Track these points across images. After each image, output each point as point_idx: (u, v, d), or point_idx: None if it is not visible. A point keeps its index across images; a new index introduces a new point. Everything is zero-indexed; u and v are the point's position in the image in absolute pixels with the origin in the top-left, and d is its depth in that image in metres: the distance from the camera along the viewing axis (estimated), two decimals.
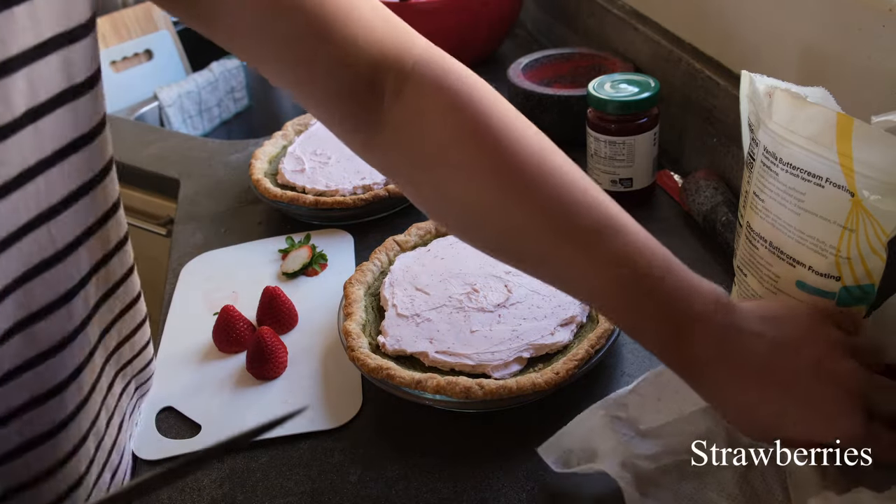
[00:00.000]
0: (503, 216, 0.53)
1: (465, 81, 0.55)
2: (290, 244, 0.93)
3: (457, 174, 0.53)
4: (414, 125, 0.54)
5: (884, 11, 0.61)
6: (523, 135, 0.53)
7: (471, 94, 0.54)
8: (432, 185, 0.56)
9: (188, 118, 1.66)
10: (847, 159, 0.52)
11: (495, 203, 0.52)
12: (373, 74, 0.54)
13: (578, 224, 0.51)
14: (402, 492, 0.63)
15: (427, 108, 0.53)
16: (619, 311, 0.52)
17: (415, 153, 0.55)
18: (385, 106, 0.54)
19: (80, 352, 0.54)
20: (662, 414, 0.61)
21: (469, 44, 1.36)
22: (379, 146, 0.56)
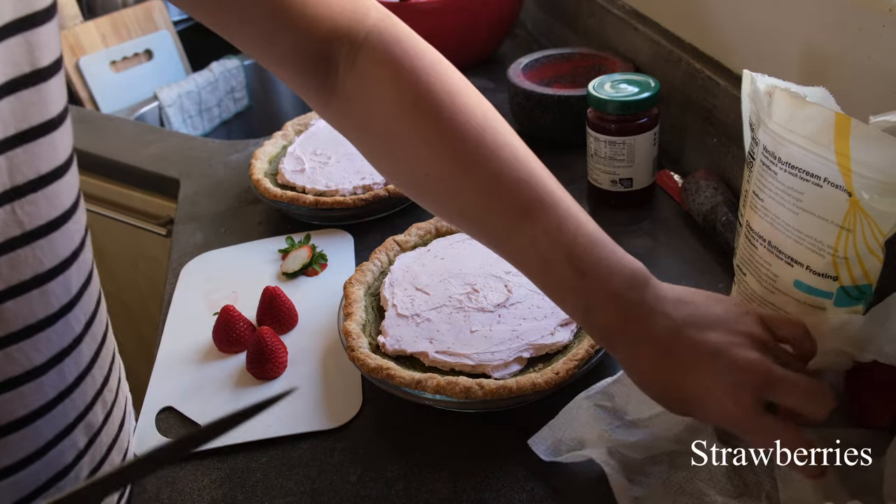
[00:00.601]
0: (447, 185, 0.56)
1: (413, 51, 0.58)
2: (290, 244, 0.93)
3: (403, 143, 0.57)
4: (364, 95, 0.57)
5: (884, 11, 0.61)
6: (466, 105, 0.56)
7: (417, 64, 0.57)
8: (383, 152, 0.60)
9: (188, 118, 1.66)
10: (845, 159, 0.52)
11: (439, 172, 0.56)
12: (328, 46, 0.57)
13: (514, 197, 0.54)
14: (402, 492, 0.63)
15: (375, 78, 0.57)
16: (544, 280, 0.55)
17: (365, 121, 0.59)
18: (339, 76, 0.58)
19: (58, 339, 0.54)
20: (649, 406, 0.61)
21: (469, 44, 1.36)
22: (334, 112, 0.60)
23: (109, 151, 1.27)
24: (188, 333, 0.83)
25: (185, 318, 0.86)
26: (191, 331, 0.83)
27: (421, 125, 0.55)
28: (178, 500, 0.65)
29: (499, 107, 1.33)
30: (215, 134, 1.74)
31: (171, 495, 0.65)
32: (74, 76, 1.55)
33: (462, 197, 0.56)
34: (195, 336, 0.82)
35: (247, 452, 0.68)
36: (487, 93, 1.39)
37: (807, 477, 0.51)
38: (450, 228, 0.88)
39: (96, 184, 1.32)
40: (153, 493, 0.65)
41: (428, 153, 0.55)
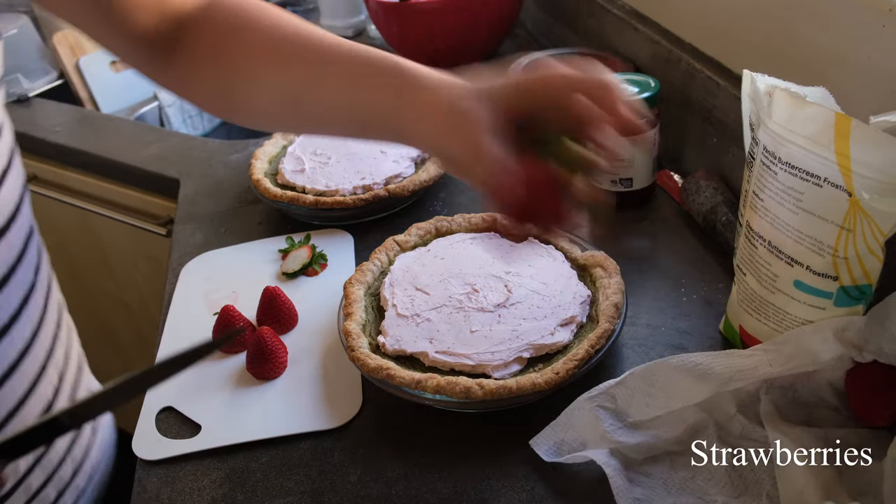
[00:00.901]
0: (304, 94, 0.63)
1: (235, 10, 0.63)
2: (290, 244, 0.93)
3: (249, 89, 0.63)
4: (196, 65, 0.64)
5: (884, 11, 0.61)
6: (286, 26, 0.63)
7: (240, 20, 0.63)
8: (232, 106, 0.66)
9: (188, 118, 1.66)
10: (845, 159, 0.52)
11: (294, 92, 0.63)
12: (158, 25, 0.62)
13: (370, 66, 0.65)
14: (402, 492, 0.63)
15: (203, 48, 0.63)
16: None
17: (207, 86, 0.65)
18: (176, 51, 0.63)
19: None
20: (651, 408, 0.61)
21: (469, 44, 1.36)
22: (176, 83, 0.66)
23: (109, 151, 1.27)
24: (188, 333, 0.83)
25: (185, 318, 0.86)
26: (191, 331, 0.83)
27: (272, 63, 0.62)
28: (178, 500, 0.65)
29: None
30: (215, 134, 1.73)
31: (171, 495, 0.65)
32: (74, 76, 1.55)
33: (319, 90, 0.63)
34: (195, 336, 0.82)
35: (247, 452, 0.68)
36: None
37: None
38: (450, 228, 0.88)
39: (96, 184, 1.32)
40: (153, 493, 0.65)
41: (278, 82, 0.62)
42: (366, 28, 1.71)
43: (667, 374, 0.61)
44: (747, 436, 0.61)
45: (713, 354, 0.61)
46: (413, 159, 1.03)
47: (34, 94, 1.53)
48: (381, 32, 1.42)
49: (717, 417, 0.62)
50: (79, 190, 1.37)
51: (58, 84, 1.59)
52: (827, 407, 0.62)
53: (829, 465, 0.56)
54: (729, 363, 0.60)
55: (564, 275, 0.77)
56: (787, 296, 0.61)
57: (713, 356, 0.60)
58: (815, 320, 0.60)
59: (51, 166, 1.38)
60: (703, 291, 0.80)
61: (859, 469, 0.56)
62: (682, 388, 0.61)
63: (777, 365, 0.58)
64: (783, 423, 0.60)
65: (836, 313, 0.58)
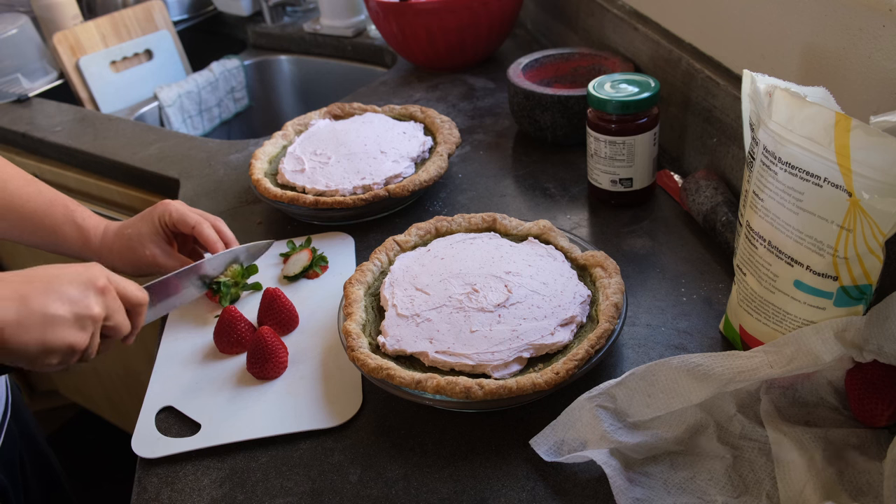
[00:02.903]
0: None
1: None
2: (291, 248, 0.93)
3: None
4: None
5: (884, 11, 0.61)
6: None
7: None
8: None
9: (188, 118, 1.66)
10: (845, 159, 0.52)
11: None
12: None
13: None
14: (402, 492, 0.63)
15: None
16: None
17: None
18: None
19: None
20: (651, 408, 0.61)
21: (469, 44, 1.36)
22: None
23: (109, 151, 1.27)
24: (188, 334, 0.83)
25: (185, 319, 0.86)
26: (191, 331, 0.83)
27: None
28: (178, 500, 0.65)
29: (499, 107, 1.34)
30: (215, 134, 1.74)
31: (171, 495, 0.65)
32: (74, 76, 1.55)
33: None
34: (196, 337, 0.82)
35: (247, 452, 0.68)
36: (487, 93, 1.40)
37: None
38: (450, 228, 0.88)
39: (96, 184, 1.32)
40: (153, 493, 0.65)
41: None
42: (366, 28, 1.71)
43: (667, 375, 0.61)
44: (747, 436, 0.61)
45: (714, 355, 0.61)
46: (413, 159, 1.03)
47: (34, 94, 1.53)
48: (381, 32, 1.42)
49: (718, 417, 0.63)
50: (79, 190, 1.37)
51: (58, 84, 1.59)
52: (827, 407, 0.62)
53: (829, 465, 0.56)
54: (729, 364, 0.60)
55: (564, 275, 0.77)
56: (787, 296, 0.61)
57: (714, 357, 0.60)
58: (816, 320, 0.60)
59: (51, 166, 1.38)
60: (703, 291, 0.80)
61: (859, 469, 0.56)
62: (682, 388, 0.61)
63: (778, 366, 0.58)
64: (783, 423, 0.60)
65: (836, 313, 0.58)
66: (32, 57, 1.59)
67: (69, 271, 0.62)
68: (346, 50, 1.71)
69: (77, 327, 0.60)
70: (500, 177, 1.06)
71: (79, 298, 0.60)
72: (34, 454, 0.96)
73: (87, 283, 0.61)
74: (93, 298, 0.61)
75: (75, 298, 0.60)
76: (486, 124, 1.21)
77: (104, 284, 0.63)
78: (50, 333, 0.58)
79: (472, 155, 1.13)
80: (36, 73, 1.59)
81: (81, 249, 0.84)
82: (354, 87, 1.60)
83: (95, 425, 1.95)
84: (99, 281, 0.62)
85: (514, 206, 0.99)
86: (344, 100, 1.32)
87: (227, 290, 0.85)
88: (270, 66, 1.81)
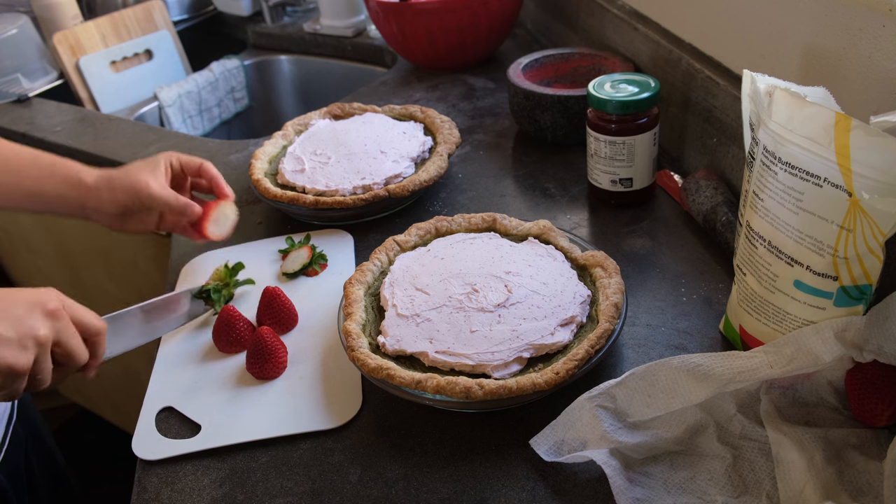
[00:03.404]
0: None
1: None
2: (290, 244, 0.93)
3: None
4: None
5: (884, 11, 0.61)
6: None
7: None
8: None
9: (188, 118, 1.66)
10: (845, 159, 0.52)
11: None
12: None
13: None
14: (402, 492, 0.63)
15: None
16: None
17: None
18: None
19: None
20: (651, 408, 0.61)
21: (469, 44, 1.36)
22: None
23: (109, 151, 1.27)
24: (188, 334, 0.83)
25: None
26: (190, 330, 0.83)
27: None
28: (178, 500, 0.65)
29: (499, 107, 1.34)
30: (215, 134, 1.74)
31: (171, 495, 0.65)
32: (74, 76, 1.55)
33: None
34: (195, 336, 0.82)
35: (247, 452, 0.68)
36: (487, 93, 1.40)
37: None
38: (450, 228, 0.88)
39: None
40: (153, 493, 0.65)
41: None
42: (366, 28, 1.71)
43: (667, 375, 0.61)
44: (747, 436, 0.61)
45: (714, 355, 0.61)
46: (413, 159, 1.03)
47: (34, 94, 1.53)
48: (381, 32, 1.42)
49: (718, 417, 0.63)
50: None
51: (58, 84, 1.59)
52: (827, 407, 0.62)
53: (829, 465, 0.56)
54: (729, 364, 0.60)
55: (564, 275, 0.77)
56: (787, 296, 0.61)
57: (714, 357, 0.60)
58: (816, 320, 0.60)
59: None
60: (703, 291, 0.80)
61: (859, 469, 0.56)
62: (682, 388, 0.61)
63: (778, 367, 0.58)
64: (783, 423, 0.60)
65: (836, 313, 0.58)
66: (32, 57, 1.59)
67: (21, 294, 0.61)
68: (346, 50, 1.71)
69: (19, 348, 0.58)
70: (500, 177, 1.06)
71: (25, 319, 0.59)
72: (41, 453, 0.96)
73: (36, 305, 0.60)
74: (39, 320, 0.60)
75: (20, 318, 0.59)
76: (486, 124, 1.21)
77: (54, 307, 0.61)
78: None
79: (472, 155, 1.13)
80: (36, 73, 1.59)
81: (75, 187, 0.83)
82: (354, 87, 1.60)
83: (95, 425, 1.95)
84: (49, 304, 0.61)
85: (514, 206, 0.99)
86: (344, 100, 1.32)
87: (217, 296, 0.85)
88: (270, 66, 1.81)
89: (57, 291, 0.63)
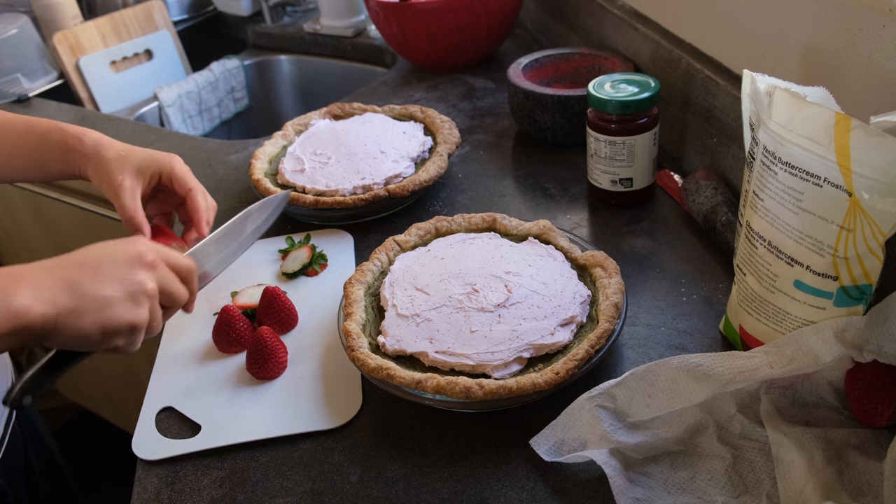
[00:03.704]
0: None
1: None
2: (290, 244, 0.93)
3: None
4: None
5: (884, 11, 0.61)
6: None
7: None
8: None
9: (188, 118, 1.66)
10: (845, 159, 0.52)
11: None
12: None
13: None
14: (402, 492, 0.63)
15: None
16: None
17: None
18: None
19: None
20: (651, 408, 0.61)
21: (469, 44, 1.36)
22: None
23: None
24: (188, 334, 0.83)
25: (184, 319, 0.86)
26: (191, 331, 0.83)
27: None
28: (178, 500, 0.65)
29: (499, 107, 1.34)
30: (215, 134, 1.74)
31: (171, 495, 0.65)
32: (74, 76, 1.55)
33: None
34: (195, 336, 0.82)
35: (247, 452, 0.68)
36: (487, 93, 1.40)
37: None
38: (450, 228, 0.88)
39: None
40: (153, 493, 0.65)
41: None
42: (366, 28, 1.71)
43: (667, 375, 0.61)
44: (747, 436, 0.61)
45: (714, 355, 0.61)
46: (413, 159, 1.03)
47: (34, 94, 1.53)
48: (381, 32, 1.42)
49: (718, 417, 0.63)
50: (79, 190, 1.37)
51: (58, 84, 1.59)
52: (827, 407, 0.62)
53: (829, 465, 0.56)
54: (730, 364, 0.60)
55: (564, 275, 0.77)
56: (787, 296, 0.61)
57: (714, 357, 0.60)
58: (816, 320, 0.60)
59: None
60: (703, 291, 0.80)
61: (859, 469, 0.56)
62: (682, 388, 0.61)
63: (778, 367, 0.58)
64: (783, 423, 0.60)
65: (836, 313, 0.58)
66: (32, 57, 1.59)
67: (115, 250, 0.61)
68: (346, 50, 1.71)
69: (133, 304, 0.59)
70: (500, 177, 1.06)
71: (130, 276, 0.60)
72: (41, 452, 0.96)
73: (135, 260, 0.61)
74: (143, 274, 0.60)
75: (126, 277, 0.59)
76: (486, 124, 1.21)
77: (152, 259, 0.62)
78: (107, 315, 0.58)
79: (472, 155, 1.13)
80: (36, 73, 1.59)
81: (71, 157, 0.79)
82: (354, 87, 1.60)
83: (95, 425, 1.95)
84: (147, 256, 0.61)
85: (514, 206, 0.99)
86: (344, 100, 1.32)
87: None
88: (270, 66, 1.81)
89: (145, 240, 0.63)
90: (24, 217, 1.56)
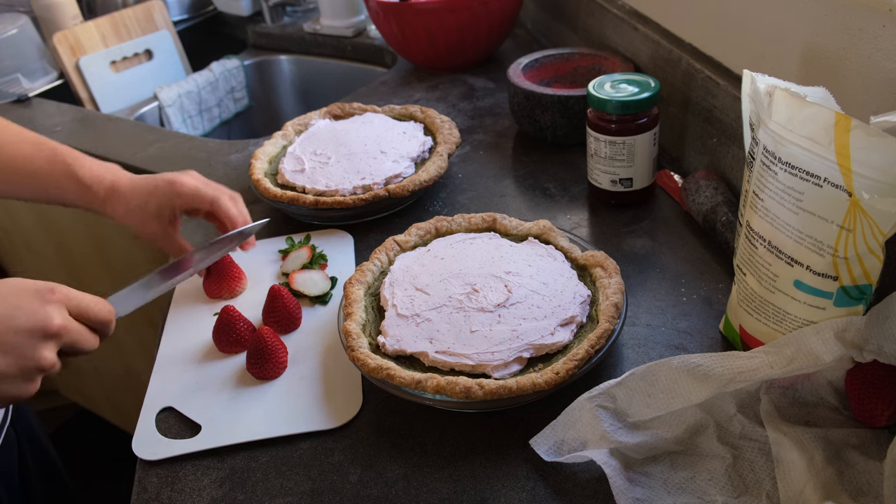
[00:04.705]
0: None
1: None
2: (290, 244, 0.93)
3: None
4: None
5: (884, 11, 0.61)
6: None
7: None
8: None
9: (188, 118, 1.66)
10: (845, 159, 0.52)
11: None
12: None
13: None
14: (402, 492, 0.63)
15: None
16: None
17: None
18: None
19: None
20: (651, 408, 0.61)
21: (469, 44, 1.36)
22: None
23: (109, 151, 1.27)
24: (188, 334, 0.83)
25: (185, 319, 0.86)
26: (191, 331, 0.83)
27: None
28: (178, 500, 0.65)
29: (499, 107, 1.34)
30: (215, 134, 1.74)
31: (171, 495, 0.65)
32: (74, 76, 1.55)
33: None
34: (195, 336, 0.82)
35: (247, 452, 0.68)
36: (487, 93, 1.39)
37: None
38: (450, 228, 0.88)
39: None
40: (153, 493, 0.65)
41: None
42: (366, 28, 1.71)
43: (667, 375, 0.61)
44: (747, 436, 0.61)
45: (714, 356, 0.61)
46: (413, 159, 1.03)
47: (34, 94, 1.53)
48: (381, 32, 1.42)
49: (718, 417, 0.63)
50: None
51: (58, 84, 1.59)
52: (827, 407, 0.62)
53: (829, 465, 0.56)
54: (730, 365, 0.60)
55: (564, 275, 0.77)
56: (787, 296, 0.61)
57: (714, 357, 0.60)
58: (816, 320, 0.60)
59: None
60: (703, 291, 0.80)
61: (859, 469, 0.56)
62: (682, 388, 0.61)
63: (778, 367, 0.58)
64: (783, 423, 0.60)
65: (836, 313, 0.59)
66: (32, 57, 1.59)
67: (21, 316, 0.56)
68: (346, 50, 1.71)
69: (24, 381, 0.56)
70: (500, 177, 1.06)
71: (29, 352, 0.55)
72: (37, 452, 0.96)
73: (36, 330, 0.56)
74: (43, 348, 0.56)
75: (25, 353, 0.55)
76: (486, 124, 1.21)
77: (58, 328, 0.57)
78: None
79: (472, 155, 1.13)
80: (36, 73, 1.59)
81: (87, 203, 0.85)
82: (354, 87, 1.60)
83: (95, 425, 1.95)
84: (52, 326, 0.57)
85: (514, 206, 0.99)
86: (344, 100, 1.32)
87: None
88: (270, 66, 1.81)
89: (60, 291, 0.59)
90: (24, 217, 1.57)
